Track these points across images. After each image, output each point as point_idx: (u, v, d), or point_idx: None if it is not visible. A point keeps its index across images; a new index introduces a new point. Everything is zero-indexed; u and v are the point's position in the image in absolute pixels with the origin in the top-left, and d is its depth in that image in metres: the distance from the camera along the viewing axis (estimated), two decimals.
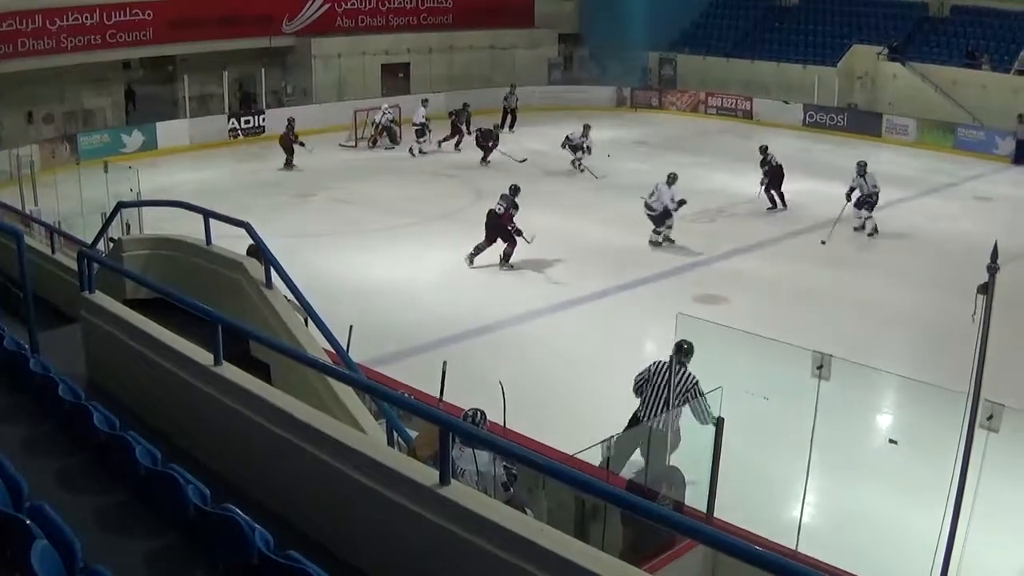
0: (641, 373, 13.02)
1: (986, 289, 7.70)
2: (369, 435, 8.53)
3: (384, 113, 37.89)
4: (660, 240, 24.78)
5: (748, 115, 46.94)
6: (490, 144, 35.14)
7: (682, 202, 24.67)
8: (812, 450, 10.64)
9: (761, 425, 12.53)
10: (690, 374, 12.54)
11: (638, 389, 12.96)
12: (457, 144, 37.61)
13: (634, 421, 12.90)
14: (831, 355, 10.00)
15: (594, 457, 10.43)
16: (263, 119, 40.69)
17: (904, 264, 24.58)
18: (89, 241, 13.21)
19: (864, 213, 26.90)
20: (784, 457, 11.84)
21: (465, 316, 19.57)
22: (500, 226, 22.84)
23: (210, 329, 7.45)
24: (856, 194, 26.24)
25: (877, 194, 26.27)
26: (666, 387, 12.64)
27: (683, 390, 12.50)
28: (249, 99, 43.39)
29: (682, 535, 7.97)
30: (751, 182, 30.45)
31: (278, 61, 44.80)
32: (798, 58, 48.73)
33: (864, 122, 45.68)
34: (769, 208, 29.24)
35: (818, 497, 12.73)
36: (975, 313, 7.73)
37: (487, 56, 48.54)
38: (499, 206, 22.92)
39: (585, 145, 33.25)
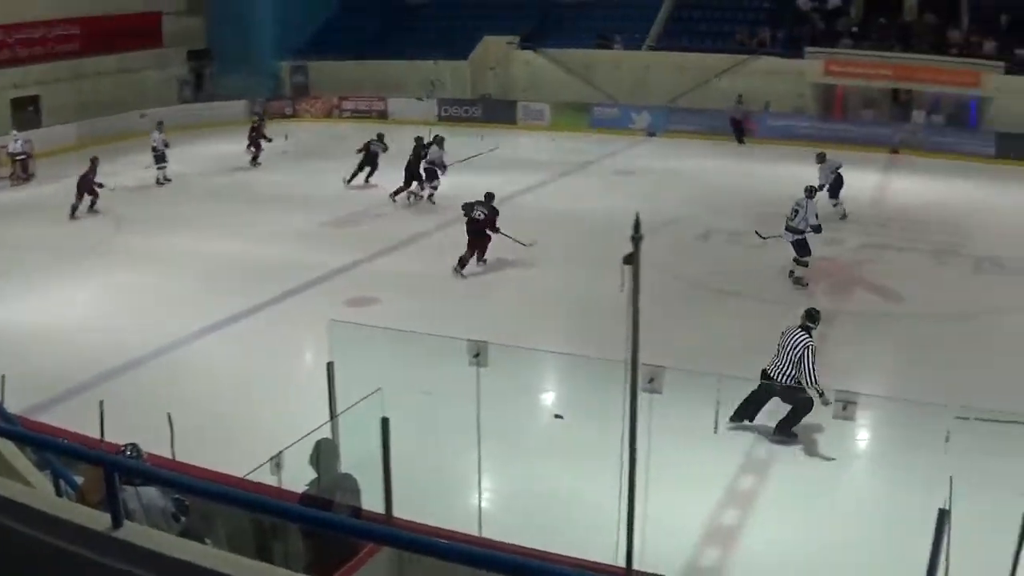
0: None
1: (631, 260, 7.87)
2: (36, 488, 8.16)
3: (16, 141, 35.85)
4: (802, 277, 22.84)
5: (383, 115, 47.16)
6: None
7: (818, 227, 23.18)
8: (481, 437, 10.74)
9: (428, 420, 12.60)
10: (806, 338, 14.49)
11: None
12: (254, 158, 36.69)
13: (763, 376, 14.82)
14: (486, 342, 10.10)
15: (264, 476, 10.27)
16: None
17: (553, 245, 25.15)
18: None
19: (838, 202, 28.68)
20: (455, 448, 11.93)
21: (120, 351, 18.86)
22: (481, 231, 23.20)
23: None
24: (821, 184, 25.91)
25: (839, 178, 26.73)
26: (787, 348, 14.56)
27: (793, 347, 14.44)
28: None
29: (363, 540, 7.92)
30: (389, 182, 30.70)
31: None
32: (430, 54, 49.11)
33: (499, 111, 46.68)
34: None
35: (496, 482, 12.87)
36: (623, 284, 7.90)
37: (117, 81, 46.79)
38: (479, 213, 23.21)
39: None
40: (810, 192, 23.00)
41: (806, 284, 22.40)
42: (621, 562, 9.06)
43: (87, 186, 29.56)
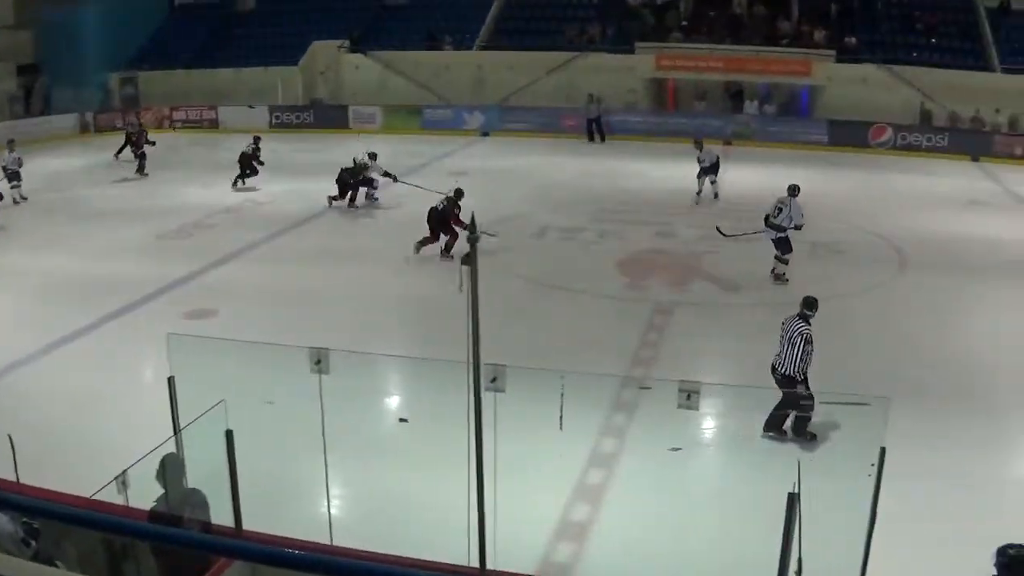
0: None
1: (469, 259, 7.89)
2: None
3: None
4: (784, 273, 22.90)
5: (214, 124, 46.68)
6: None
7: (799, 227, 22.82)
8: (327, 444, 10.67)
9: (273, 430, 12.48)
10: (802, 325, 14.52)
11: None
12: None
13: (772, 371, 14.70)
14: (327, 349, 10.02)
15: (112, 494, 10.08)
16: None
17: (386, 249, 25.13)
18: None
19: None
20: (302, 457, 11.82)
21: None
22: (444, 221, 23.92)
23: None
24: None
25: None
26: (786, 337, 14.58)
27: (790, 335, 14.46)
28: None
29: (215, 554, 7.82)
30: (222, 192, 30.44)
31: None
32: (260, 61, 48.89)
33: (330, 116, 46.69)
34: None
35: (345, 489, 12.81)
36: (461, 284, 7.91)
37: None
38: (440, 204, 24.19)
39: None
40: (793, 191, 22.93)
41: (787, 280, 22.58)
42: (475, 562, 9.09)
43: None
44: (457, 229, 23.73)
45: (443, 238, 23.99)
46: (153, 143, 36.46)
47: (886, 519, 8.96)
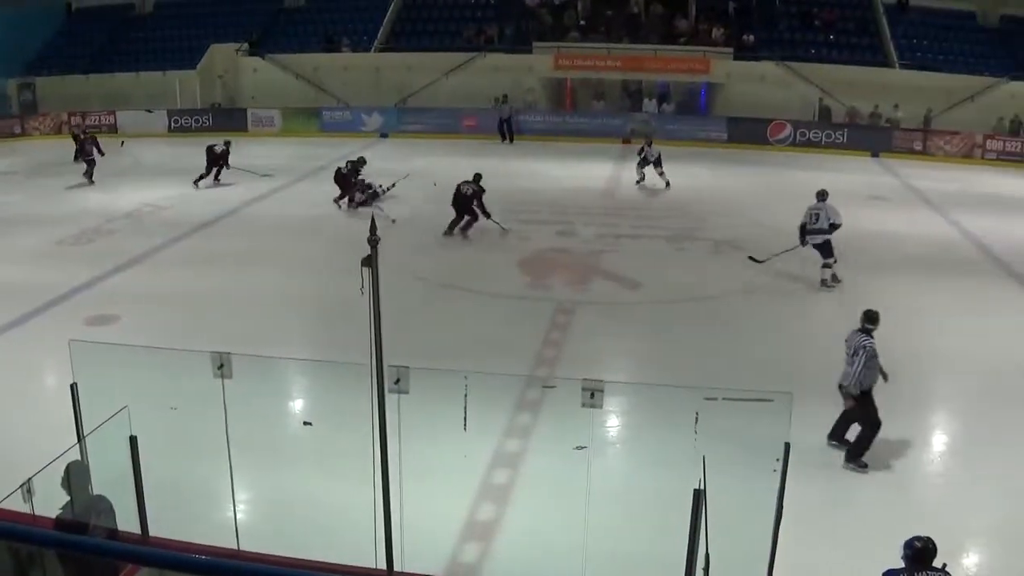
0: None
1: (370, 262, 7.93)
2: None
3: None
4: (832, 276, 22.74)
5: (113, 129, 46.04)
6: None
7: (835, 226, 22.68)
8: (232, 449, 10.63)
9: (178, 435, 12.39)
10: (865, 339, 14.18)
11: None
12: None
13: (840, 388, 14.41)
14: (230, 353, 9.99)
15: (17, 503, 9.98)
16: None
17: (290, 252, 25.12)
18: None
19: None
20: (207, 462, 11.77)
21: None
22: (465, 205, 26.04)
23: None
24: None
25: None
26: (850, 352, 14.28)
27: (854, 350, 14.15)
28: None
29: (122, 561, 7.78)
30: (122, 197, 30.29)
31: None
32: (158, 65, 48.40)
33: (229, 119, 46.26)
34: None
35: (250, 493, 12.76)
36: (363, 286, 7.95)
37: None
38: (466, 188, 26.19)
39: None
40: (823, 196, 22.93)
41: (839, 280, 22.71)
42: (383, 564, 9.12)
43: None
44: (478, 212, 25.57)
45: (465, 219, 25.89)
46: (102, 153, 35.67)
47: (792, 513, 9.12)
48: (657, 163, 33.39)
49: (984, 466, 14.26)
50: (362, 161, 30.67)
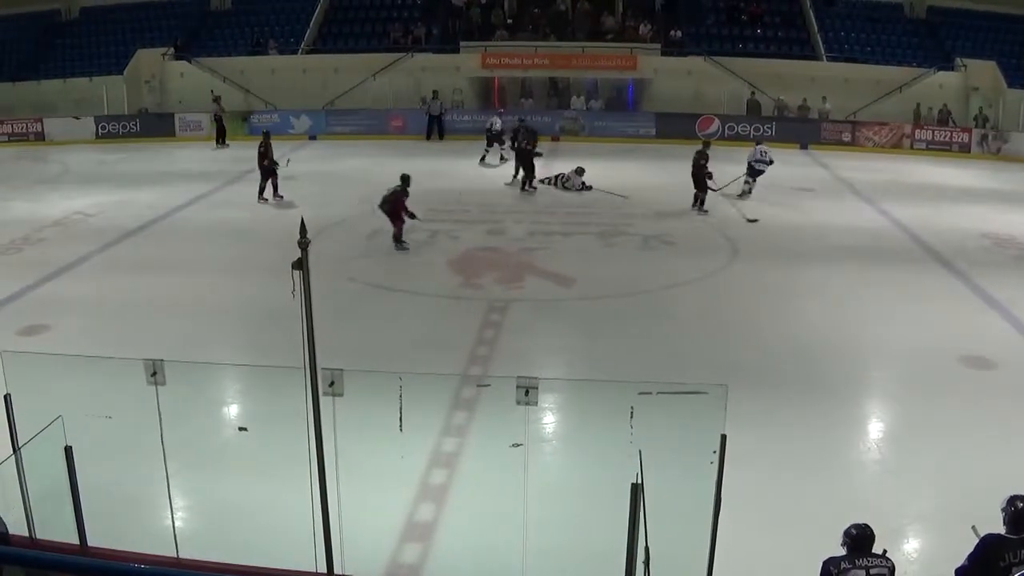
0: None
1: (300, 264, 7.93)
2: None
3: None
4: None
5: (40, 137, 45.54)
6: None
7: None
8: (168, 456, 10.59)
9: (113, 444, 12.31)
10: None
11: None
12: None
13: None
14: (163, 360, 9.95)
15: None
16: None
17: (220, 256, 25.03)
18: None
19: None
20: (144, 470, 11.71)
21: None
22: (392, 211, 25.10)
23: None
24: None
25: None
26: None
27: None
28: None
29: (61, 573, 7.74)
30: (51, 205, 30.00)
31: None
32: (85, 71, 47.91)
33: (157, 125, 46.04)
34: None
35: (188, 500, 12.68)
36: (294, 289, 7.94)
37: None
38: (390, 191, 25.23)
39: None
40: (759, 140, 26.44)
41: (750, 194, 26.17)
42: (323, 568, 9.12)
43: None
44: (404, 216, 24.91)
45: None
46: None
47: (730, 504, 9.20)
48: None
49: (919, 452, 14.44)
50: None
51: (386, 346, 18.16)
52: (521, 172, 32.28)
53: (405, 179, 25.26)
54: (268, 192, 31.08)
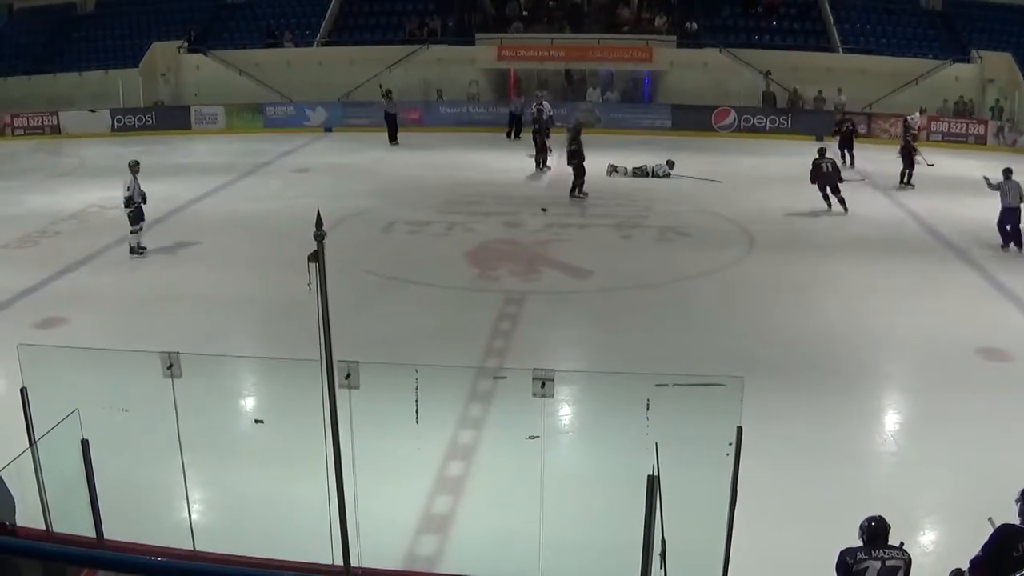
0: None
1: (316, 257, 7.92)
2: None
3: None
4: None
5: (56, 130, 45.60)
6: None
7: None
8: (184, 449, 10.59)
9: (130, 437, 12.32)
10: None
11: None
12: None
13: None
14: (179, 353, 9.94)
15: None
16: None
17: (237, 249, 25.08)
18: None
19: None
20: (160, 463, 11.70)
21: None
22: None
23: None
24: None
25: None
26: None
27: None
28: None
29: (78, 565, 7.74)
30: (67, 198, 30.09)
31: None
32: (100, 64, 47.95)
33: (173, 117, 46.09)
34: None
35: (205, 493, 12.69)
36: (310, 282, 7.93)
37: None
38: None
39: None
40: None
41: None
42: (339, 561, 9.11)
43: None
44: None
45: None
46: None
47: (746, 496, 9.17)
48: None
49: (936, 444, 14.43)
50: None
51: (402, 338, 18.15)
52: (571, 176, 31.55)
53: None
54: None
